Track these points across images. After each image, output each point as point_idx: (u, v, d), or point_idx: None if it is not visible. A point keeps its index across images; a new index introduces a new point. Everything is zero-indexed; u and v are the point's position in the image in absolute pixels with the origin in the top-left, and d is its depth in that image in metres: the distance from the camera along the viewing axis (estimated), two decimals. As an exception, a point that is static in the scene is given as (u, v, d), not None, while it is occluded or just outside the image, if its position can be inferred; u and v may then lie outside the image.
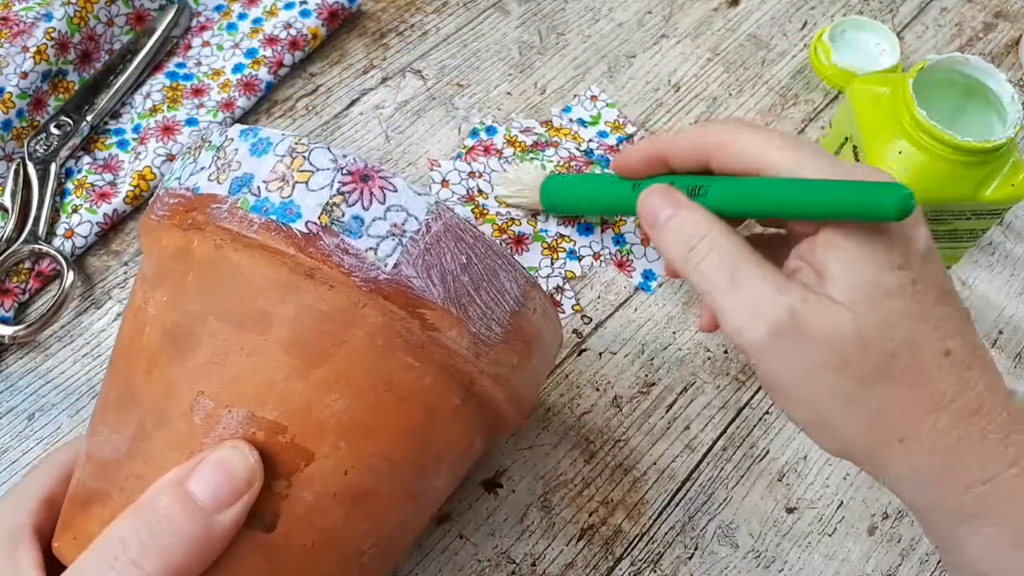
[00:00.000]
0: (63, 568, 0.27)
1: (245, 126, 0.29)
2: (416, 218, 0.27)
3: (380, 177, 0.28)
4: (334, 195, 0.27)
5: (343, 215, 0.27)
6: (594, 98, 0.52)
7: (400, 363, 0.27)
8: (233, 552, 0.26)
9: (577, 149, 0.50)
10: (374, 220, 0.27)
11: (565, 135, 0.51)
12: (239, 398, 0.27)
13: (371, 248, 0.27)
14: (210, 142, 0.30)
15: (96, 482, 0.28)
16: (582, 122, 0.52)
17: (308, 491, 0.27)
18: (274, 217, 0.27)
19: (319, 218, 0.27)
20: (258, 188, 0.27)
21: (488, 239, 0.29)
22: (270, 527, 0.27)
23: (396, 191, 0.27)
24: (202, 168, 0.29)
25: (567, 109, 0.52)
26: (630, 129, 0.51)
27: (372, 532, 0.29)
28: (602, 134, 0.51)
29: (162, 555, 0.25)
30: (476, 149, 0.50)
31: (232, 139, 0.29)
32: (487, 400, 0.30)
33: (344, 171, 0.27)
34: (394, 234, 0.27)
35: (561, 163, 0.49)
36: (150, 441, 0.27)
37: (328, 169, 0.27)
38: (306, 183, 0.27)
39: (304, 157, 0.28)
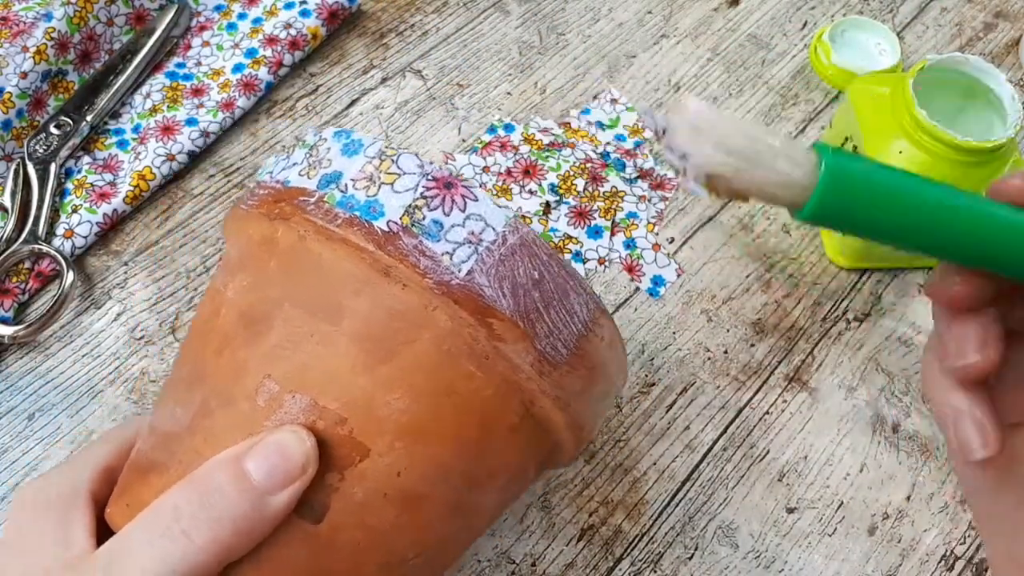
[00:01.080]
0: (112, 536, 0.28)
1: (339, 128, 0.30)
2: (493, 229, 0.28)
3: (463, 186, 0.28)
4: (417, 198, 0.28)
5: (424, 218, 0.27)
6: (614, 101, 0.52)
7: (463, 371, 0.28)
8: (279, 537, 0.26)
9: (593, 151, 0.50)
10: (453, 226, 0.27)
11: (582, 137, 0.51)
12: (304, 385, 0.27)
13: (447, 253, 0.27)
14: (304, 141, 0.31)
15: (156, 453, 0.28)
16: (600, 124, 0.51)
17: (360, 487, 0.27)
18: (358, 214, 0.28)
19: (400, 219, 0.27)
20: (345, 185, 0.28)
21: (563, 259, 0.29)
22: (318, 518, 0.27)
23: (477, 200, 0.28)
24: (294, 164, 0.30)
25: (586, 111, 0.52)
26: (648, 134, 0.51)
27: (418, 542, 0.29)
28: (619, 137, 0.51)
29: (211, 528, 0.25)
30: (493, 145, 0.50)
31: (325, 139, 0.30)
32: (546, 423, 0.30)
33: (429, 177, 0.28)
34: (471, 242, 0.28)
35: (577, 164, 0.49)
36: (212, 418, 0.27)
37: (414, 174, 0.28)
38: (391, 185, 0.28)
39: (392, 160, 0.28)
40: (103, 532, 0.29)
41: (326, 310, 0.27)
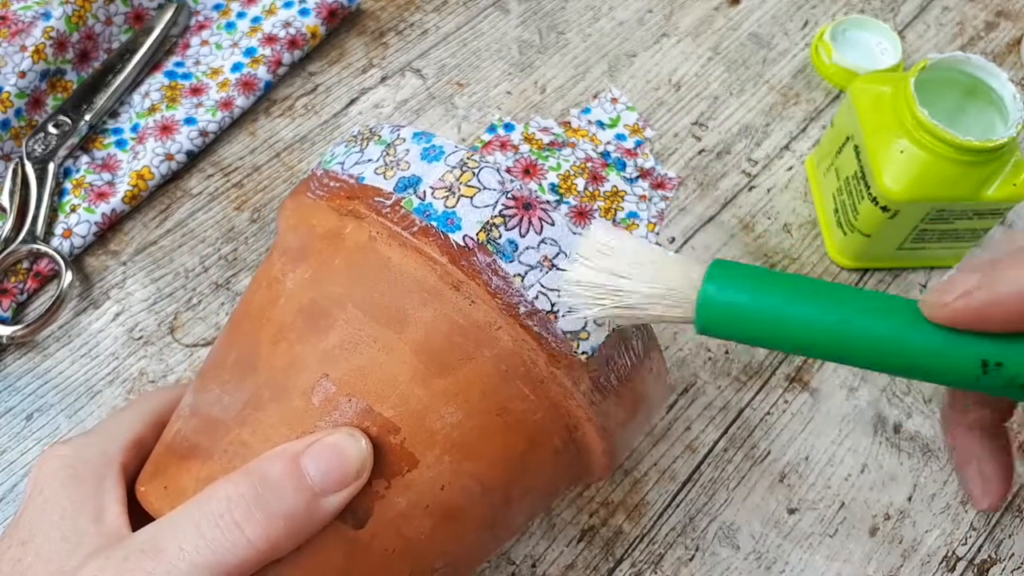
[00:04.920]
0: (141, 510, 0.28)
1: (418, 129, 0.30)
2: (566, 255, 0.28)
3: (541, 208, 0.28)
4: (495, 215, 0.27)
5: (500, 236, 0.27)
6: (614, 100, 0.52)
7: (517, 392, 0.28)
8: (319, 539, 0.26)
9: (594, 151, 0.50)
10: (527, 248, 0.27)
11: (583, 136, 0.50)
12: (361, 389, 0.27)
13: (519, 274, 0.27)
14: (380, 136, 0.30)
15: (199, 438, 0.28)
16: (600, 124, 0.51)
17: (403, 497, 0.27)
18: (435, 224, 0.27)
19: (477, 234, 0.27)
20: (424, 192, 0.28)
21: None
22: (360, 523, 0.27)
23: (553, 225, 0.28)
24: (369, 160, 0.30)
25: (586, 110, 0.52)
26: (649, 133, 0.51)
27: (447, 552, 0.29)
28: (620, 137, 0.51)
29: (264, 523, 0.25)
30: (492, 144, 0.50)
31: (404, 139, 0.30)
32: (585, 449, 0.30)
33: (509, 195, 0.28)
34: (543, 266, 0.27)
35: (577, 163, 0.49)
36: (263, 411, 0.27)
37: (494, 190, 0.28)
38: (471, 198, 0.28)
39: (474, 173, 0.28)
40: (132, 507, 0.28)
41: (390, 316, 0.27)
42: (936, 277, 0.48)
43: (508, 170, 0.49)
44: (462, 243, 0.27)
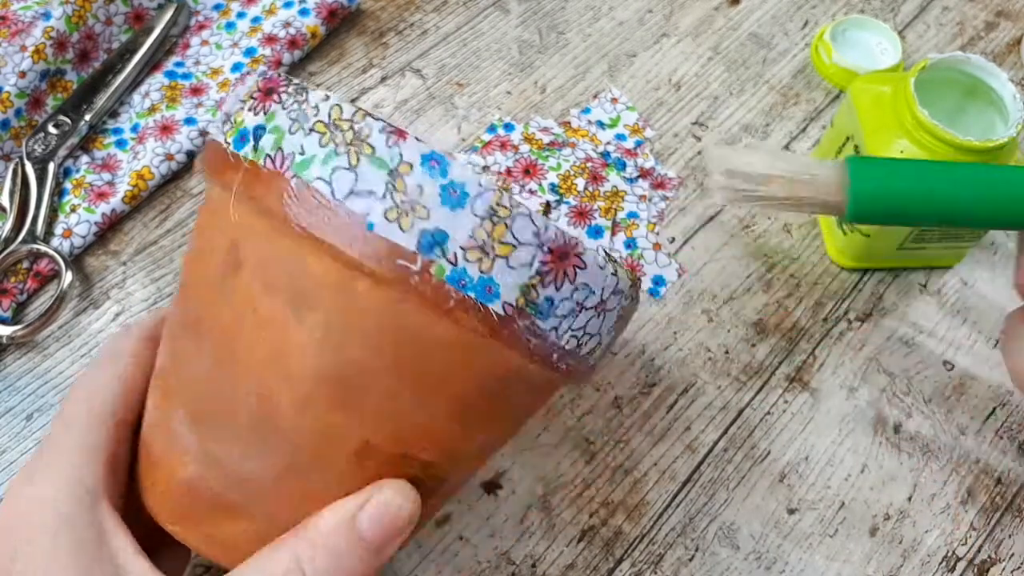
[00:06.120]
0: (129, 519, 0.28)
1: (421, 144, 0.25)
2: (595, 294, 0.27)
3: (575, 255, 0.26)
4: (533, 276, 0.25)
5: (537, 297, 0.25)
6: (614, 100, 0.52)
7: (531, 398, 0.31)
8: None
9: (594, 151, 0.50)
10: (563, 301, 0.26)
11: (583, 136, 0.50)
12: (402, 444, 0.27)
13: (554, 328, 0.26)
14: (373, 148, 0.25)
15: (234, 495, 0.27)
16: (600, 124, 0.51)
17: (435, 497, 0.30)
18: (472, 295, 0.24)
19: (516, 300, 0.25)
20: (455, 255, 0.24)
21: (626, 290, 0.30)
22: None
23: (585, 269, 0.26)
24: (370, 191, 0.24)
25: (586, 110, 0.52)
26: (649, 133, 0.51)
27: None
28: (620, 137, 0.51)
29: None
30: (492, 144, 0.50)
31: (411, 165, 0.24)
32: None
33: (545, 248, 0.25)
34: (575, 312, 0.27)
35: (577, 163, 0.49)
36: (306, 479, 0.27)
37: (531, 244, 0.25)
38: (507, 259, 0.25)
39: (506, 225, 0.25)
40: (129, 518, 0.28)
41: (425, 379, 0.26)
42: (936, 277, 0.48)
43: (508, 171, 0.49)
44: (502, 312, 0.25)
